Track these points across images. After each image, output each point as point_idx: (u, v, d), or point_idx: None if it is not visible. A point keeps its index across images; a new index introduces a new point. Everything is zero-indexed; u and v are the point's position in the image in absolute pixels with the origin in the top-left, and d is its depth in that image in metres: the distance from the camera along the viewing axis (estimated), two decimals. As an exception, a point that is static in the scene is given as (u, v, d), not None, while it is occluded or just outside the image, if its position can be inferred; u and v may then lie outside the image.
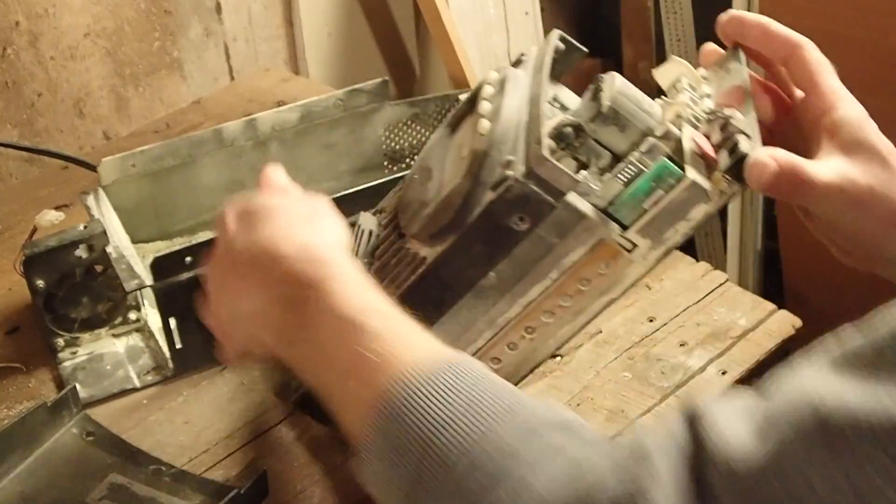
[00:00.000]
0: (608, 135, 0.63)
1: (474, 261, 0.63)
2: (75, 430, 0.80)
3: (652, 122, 0.62)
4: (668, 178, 0.59)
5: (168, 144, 0.96)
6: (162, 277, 0.81)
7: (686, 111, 0.63)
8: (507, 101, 0.64)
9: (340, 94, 1.02)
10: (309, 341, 0.58)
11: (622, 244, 0.62)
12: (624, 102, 0.62)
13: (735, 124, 0.60)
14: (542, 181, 0.59)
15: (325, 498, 0.75)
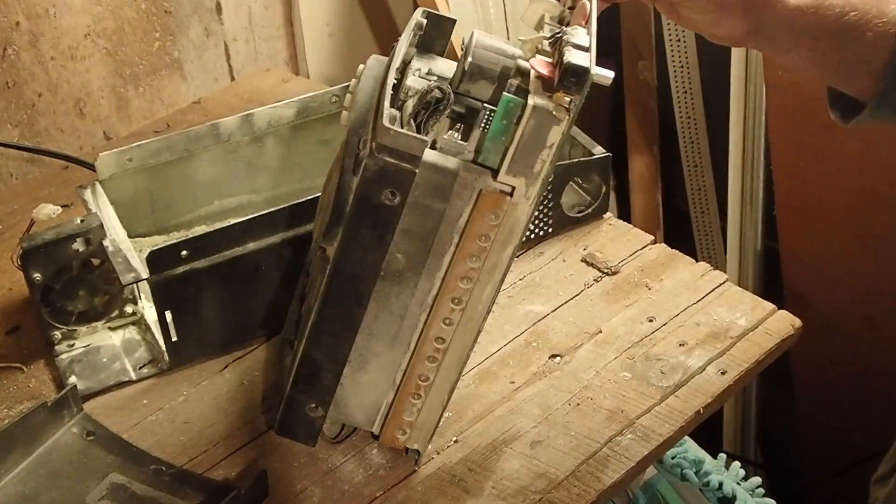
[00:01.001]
0: (480, 89, 0.64)
1: (366, 246, 0.63)
2: (75, 430, 0.80)
3: (510, 63, 0.63)
4: (515, 111, 0.60)
5: (165, 139, 0.97)
6: (158, 271, 0.81)
7: (544, 44, 0.64)
8: (360, 88, 0.66)
9: (336, 90, 1.02)
10: None
11: (502, 189, 0.62)
12: (483, 54, 0.63)
13: (566, 39, 0.60)
14: (393, 151, 0.59)
15: (325, 498, 0.75)
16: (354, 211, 0.62)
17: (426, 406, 0.72)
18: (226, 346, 0.88)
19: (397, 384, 0.71)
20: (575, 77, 0.58)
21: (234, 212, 1.02)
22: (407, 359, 0.69)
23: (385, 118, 0.60)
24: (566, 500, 0.74)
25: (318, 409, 0.69)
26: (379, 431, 0.73)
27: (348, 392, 0.70)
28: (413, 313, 0.67)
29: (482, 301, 0.68)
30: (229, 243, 0.84)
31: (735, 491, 1.14)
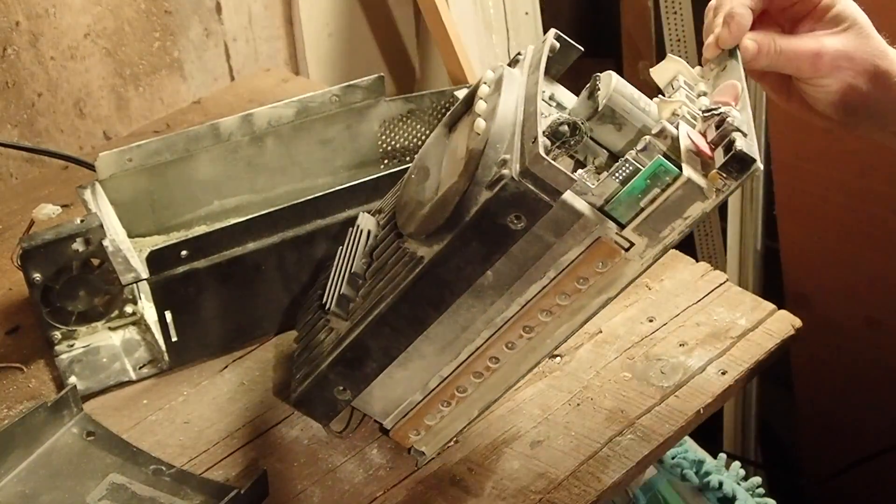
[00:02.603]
0: (605, 133, 0.63)
1: (471, 260, 0.63)
2: (75, 430, 0.80)
3: (648, 120, 0.62)
4: (664, 177, 0.59)
5: (165, 139, 0.97)
6: (157, 271, 0.81)
7: (682, 109, 0.63)
8: (502, 100, 0.64)
9: (336, 89, 1.02)
10: None
11: (619, 242, 0.62)
12: (620, 101, 0.62)
13: (731, 122, 0.60)
14: (538, 180, 0.59)
15: (325, 498, 0.75)
16: (475, 224, 0.61)
17: (452, 415, 0.72)
18: (226, 346, 0.88)
19: (430, 388, 0.70)
20: (741, 165, 0.58)
21: (234, 212, 1.02)
22: (451, 367, 0.69)
23: (541, 147, 0.59)
24: (566, 500, 0.74)
25: (347, 392, 0.69)
26: (391, 426, 0.73)
27: (377, 383, 0.70)
28: (476, 328, 0.67)
29: (553, 337, 0.68)
30: (229, 243, 0.84)
31: (735, 491, 1.14)
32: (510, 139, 0.62)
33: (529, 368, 0.70)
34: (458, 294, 0.65)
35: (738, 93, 0.64)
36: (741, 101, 0.64)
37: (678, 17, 1.81)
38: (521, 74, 0.68)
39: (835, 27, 0.72)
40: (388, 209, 0.75)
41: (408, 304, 0.65)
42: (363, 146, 1.06)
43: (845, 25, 0.72)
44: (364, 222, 0.78)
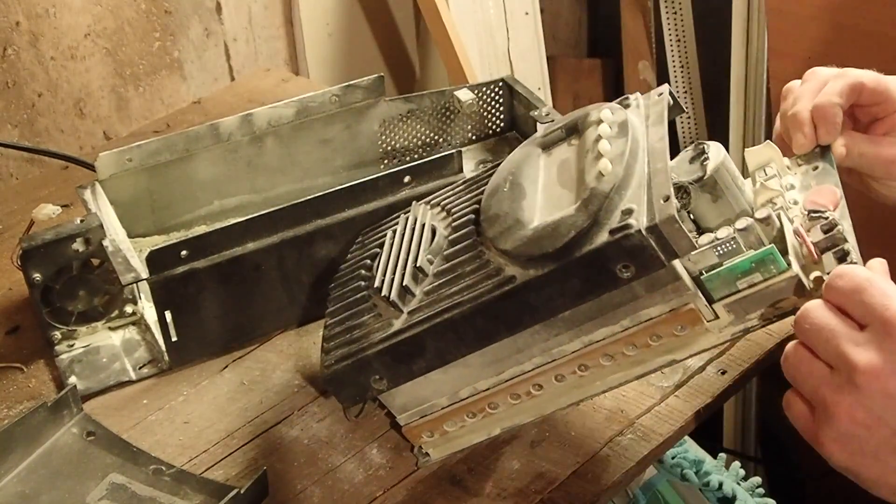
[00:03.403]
0: (699, 202, 0.63)
1: (565, 294, 0.62)
2: (75, 430, 0.80)
3: (744, 201, 0.63)
4: (770, 266, 0.60)
5: (165, 139, 0.97)
6: (158, 271, 0.81)
7: (779, 199, 0.64)
8: (630, 147, 0.64)
9: (336, 89, 1.02)
10: None
11: (705, 314, 0.62)
12: (724, 175, 0.63)
13: (841, 231, 0.61)
14: (662, 239, 0.59)
15: (324, 498, 0.75)
16: (584, 262, 0.61)
17: (472, 427, 0.71)
18: (226, 346, 0.89)
19: (460, 396, 0.70)
20: None
21: (234, 212, 1.02)
22: (489, 383, 0.69)
23: (674, 209, 0.59)
24: (566, 500, 0.74)
25: (383, 382, 0.68)
26: (405, 423, 0.73)
27: None
28: (531, 353, 0.67)
29: (605, 381, 0.67)
30: (229, 243, 0.84)
31: (735, 491, 1.14)
32: (635, 189, 0.62)
33: (569, 404, 0.69)
34: (537, 321, 0.64)
35: (837, 200, 0.65)
36: (840, 209, 0.65)
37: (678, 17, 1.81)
38: (640, 123, 0.68)
39: None
40: (459, 211, 0.74)
41: (483, 318, 0.65)
42: (363, 146, 1.06)
43: None
44: (423, 214, 0.76)
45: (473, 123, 1.10)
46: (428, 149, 1.08)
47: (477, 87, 1.08)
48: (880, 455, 0.56)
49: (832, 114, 0.73)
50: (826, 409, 0.57)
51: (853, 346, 0.56)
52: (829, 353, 0.57)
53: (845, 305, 0.57)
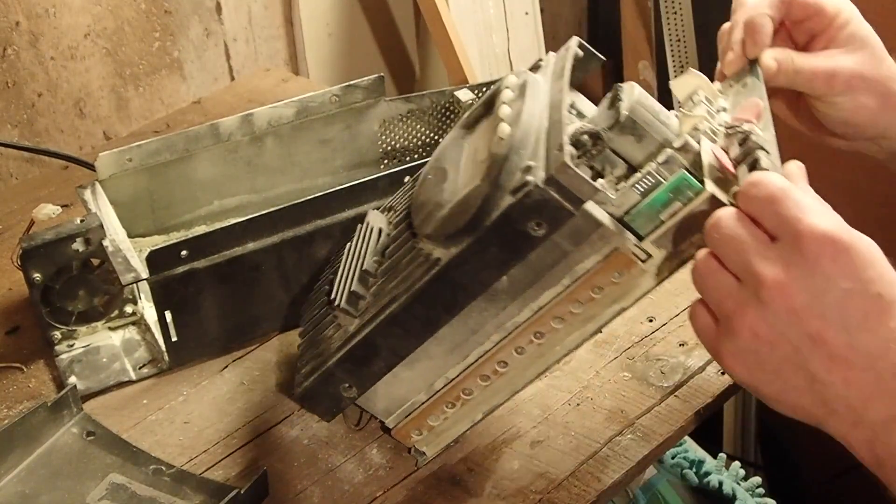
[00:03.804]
0: (624, 144, 0.62)
1: (489, 264, 0.63)
2: (75, 430, 0.80)
3: (669, 133, 0.62)
4: (686, 191, 0.59)
5: (165, 139, 0.97)
6: (158, 271, 0.81)
7: (703, 124, 0.63)
8: (527, 106, 0.64)
9: (336, 89, 1.02)
10: None
11: (637, 254, 0.62)
12: (642, 112, 0.62)
13: (755, 140, 0.60)
14: (563, 188, 0.59)
15: (324, 498, 0.75)
16: (495, 229, 0.61)
17: (455, 417, 0.72)
18: (226, 346, 0.89)
19: (435, 388, 0.70)
20: None
21: (234, 212, 1.02)
22: (458, 369, 0.69)
23: (567, 156, 0.59)
24: (566, 500, 0.74)
25: (353, 390, 0.69)
26: (394, 425, 0.73)
27: (382, 381, 0.70)
28: (486, 331, 0.67)
29: (564, 344, 0.67)
30: (229, 243, 0.84)
31: (735, 491, 1.14)
32: (534, 146, 0.62)
33: (537, 374, 0.70)
34: (472, 298, 0.65)
35: (760, 110, 0.65)
36: (764, 119, 0.64)
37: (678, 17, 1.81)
38: (544, 81, 0.68)
39: (848, 47, 0.73)
40: (401, 208, 0.75)
41: (421, 305, 0.65)
42: (363, 146, 1.06)
43: (859, 45, 0.73)
44: (374, 220, 0.77)
45: (473, 123, 1.10)
46: (428, 149, 1.08)
47: (477, 87, 1.08)
48: (781, 372, 0.55)
49: (759, 24, 0.72)
50: (729, 322, 0.56)
51: (761, 259, 0.54)
52: (737, 265, 0.56)
53: (758, 216, 0.55)
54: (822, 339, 0.53)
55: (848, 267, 0.53)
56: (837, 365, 0.53)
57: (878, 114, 0.75)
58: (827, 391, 0.54)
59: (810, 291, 0.53)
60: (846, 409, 0.54)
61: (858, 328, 0.53)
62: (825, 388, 0.54)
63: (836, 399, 0.54)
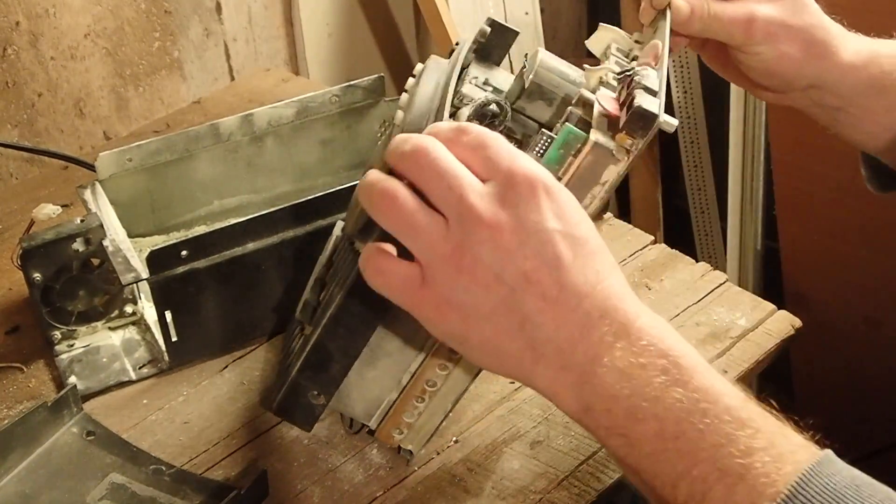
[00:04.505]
0: (536, 109, 0.63)
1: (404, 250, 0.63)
2: (75, 430, 0.80)
3: (574, 90, 0.62)
4: (574, 143, 0.59)
5: (165, 139, 0.97)
6: (157, 271, 0.81)
7: (608, 76, 0.63)
8: (420, 90, 0.65)
9: (336, 90, 1.02)
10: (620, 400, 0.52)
11: None
12: (546, 75, 0.62)
13: (638, 80, 0.59)
14: None
15: (324, 498, 0.75)
16: None
17: (428, 410, 0.72)
18: (226, 346, 0.89)
19: (403, 385, 0.71)
20: (643, 122, 0.57)
21: (234, 212, 1.02)
22: (418, 362, 0.69)
23: None
24: (566, 500, 0.74)
25: (321, 396, 0.69)
26: (376, 427, 0.73)
27: (352, 384, 0.70)
28: None
29: None
30: (229, 243, 0.84)
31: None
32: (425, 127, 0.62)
33: None
34: None
35: (657, 52, 0.64)
36: (660, 61, 0.64)
37: (678, 17, 1.80)
38: (448, 64, 0.68)
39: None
40: None
41: (354, 301, 0.65)
42: (363, 146, 1.06)
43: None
44: (336, 229, 0.78)
45: (473, 123, 1.10)
46: (428, 149, 1.08)
47: (477, 87, 1.08)
48: (494, 315, 0.53)
49: None
50: (442, 266, 0.53)
51: (478, 196, 0.52)
52: (448, 201, 0.53)
53: (466, 158, 0.53)
54: (536, 279, 0.52)
55: (557, 209, 0.53)
56: (549, 304, 0.52)
57: (803, 63, 0.74)
58: (538, 333, 0.53)
59: (526, 230, 0.52)
60: (555, 351, 0.53)
61: (568, 268, 0.52)
62: (536, 329, 0.53)
63: (545, 342, 0.53)
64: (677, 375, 0.52)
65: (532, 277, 0.52)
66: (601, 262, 0.54)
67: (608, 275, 0.54)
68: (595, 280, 0.53)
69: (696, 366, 0.53)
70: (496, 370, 0.57)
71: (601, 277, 0.53)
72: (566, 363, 0.53)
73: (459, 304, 0.53)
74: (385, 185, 0.54)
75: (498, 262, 0.52)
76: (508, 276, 0.52)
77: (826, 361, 1.53)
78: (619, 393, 0.52)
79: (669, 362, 0.53)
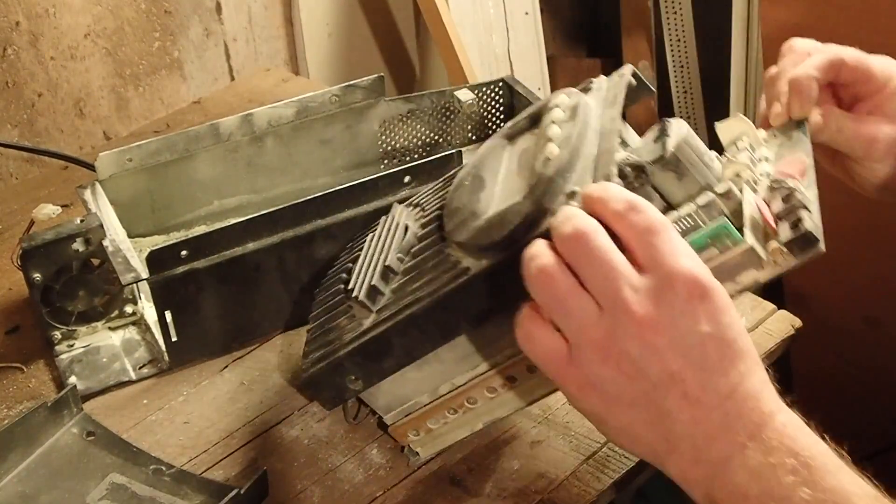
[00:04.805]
0: (665, 181, 0.62)
1: (517, 282, 0.61)
2: (75, 430, 0.80)
3: (711, 176, 0.62)
4: (725, 239, 0.59)
5: (165, 139, 0.97)
6: (158, 271, 0.81)
7: (746, 172, 0.63)
8: (577, 129, 0.63)
9: (336, 89, 1.02)
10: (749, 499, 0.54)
11: None
12: (687, 152, 0.62)
13: (799, 198, 0.60)
14: None
15: (325, 498, 0.75)
16: None
17: (455, 423, 0.71)
18: (226, 346, 0.89)
19: (440, 393, 0.70)
20: (805, 244, 0.58)
21: (234, 212, 1.02)
22: (466, 377, 0.69)
23: None
24: (566, 500, 0.74)
25: (359, 382, 0.69)
26: (392, 422, 0.73)
27: (388, 378, 0.69)
28: (501, 346, 0.67)
29: None
30: (229, 243, 0.84)
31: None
32: (581, 172, 0.61)
33: (543, 395, 0.69)
34: (496, 312, 0.64)
35: (804, 168, 0.65)
36: (808, 177, 0.64)
37: (678, 17, 1.81)
38: (596, 105, 0.67)
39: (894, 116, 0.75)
40: (431, 209, 0.74)
41: (442, 312, 0.65)
42: (363, 146, 1.06)
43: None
44: (400, 215, 0.77)
45: (473, 123, 1.10)
46: (428, 149, 1.08)
47: (477, 87, 1.08)
48: (634, 406, 0.55)
49: (807, 86, 0.72)
50: (588, 351, 0.54)
51: (632, 290, 0.53)
52: (603, 291, 0.54)
53: (631, 241, 0.54)
54: (681, 378, 0.54)
55: (710, 311, 0.54)
56: (690, 404, 0.54)
57: None
58: (675, 428, 0.55)
59: (678, 331, 0.53)
60: (690, 447, 0.55)
61: (713, 370, 0.54)
62: (674, 424, 0.55)
63: (681, 437, 0.55)
64: (807, 476, 0.53)
65: (677, 377, 0.54)
66: (745, 362, 0.55)
67: (750, 375, 0.55)
68: (737, 381, 0.54)
69: (827, 464, 0.54)
70: (628, 450, 0.59)
71: (743, 378, 0.54)
72: (699, 458, 0.55)
73: (602, 389, 0.55)
74: (543, 262, 0.56)
75: (645, 359, 0.54)
76: (654, 372, 0.54)
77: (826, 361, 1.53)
78: (748, 492, 0.54)
79: (800, 462, 0.53)
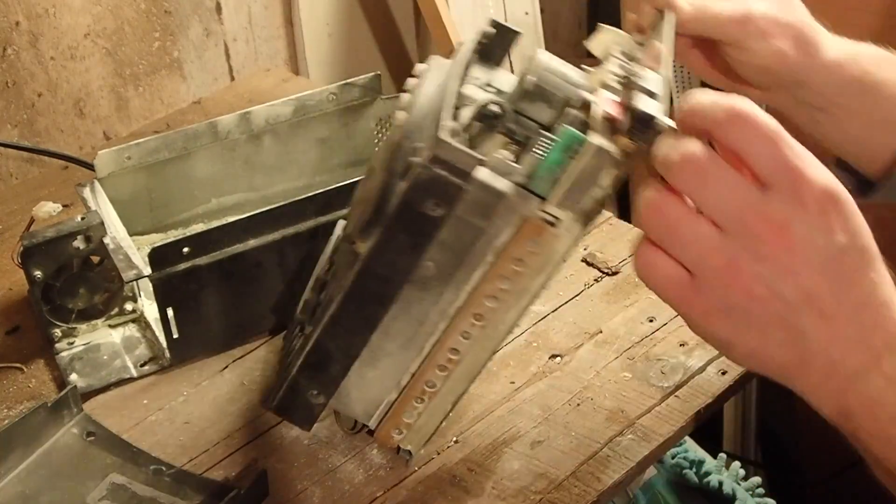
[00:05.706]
0: (537, 111, 0.62)
1: (401, 251, 0.63)
2: (75, 430, 0.80)
3: (574, 92, 0.62)
4: (575, 146, 0.59)
5: (163, 137, 0.97)
6: (159, 268, 0.81)
7: (610, 78, 0.63)
8: (422, 91, 0.64)
9: (333, 88, 1.03)
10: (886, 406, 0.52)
11: (545, 219, 0.61)
12: (547, 77, 0.62)
13: (637, 82, 0.58)
14: (447, 164, 0.58)
15: (325, 498, 0.75)
16: (396, 215, 0.61)
17: (427, 411, 0.72)
18: (227, 343, 0.89)
19: (402, 385, 0.70)
20: (644, 126, 0.56)
21: (232, 210, 1.02)
22: (417, 363, 0.69)
23: (444, 131, 0.59)
24: (566, 501, 0.74)
25: (320, 396, 0.69)
26: (375, 427, 0.73)
27: (352, 384, 0.70)
28: (432, 321, 0.67)
29: (505, 322, 0.67)
30: (231, 240, 0.84)
31: (735, 491, 1.14)
32: (427, 130, 0.62)
33: (489, 356, 0.69)
34: (398, 287, 0.64)
35: (657, 53, 0.64)
36: (663, 62, 0.63)
37: (678, 17, 1.80)
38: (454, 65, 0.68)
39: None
40: None
41: (353, 302, 0.65)
42: (359, 144, 1.06)
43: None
44: (338, 228, 0.78)
45: (473, 123, 1.10)
46: (427, 148, 1.08)
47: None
48: (767, 328, 0.52)
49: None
50: (716, 278, 0.51)
51: (758, 209, 0.49)
52: (725, 213, 0.50)
53: (749, 156, 0.50)
54: (817, 295, 0.51)
55: (843, 221, 0.51)
56: (826, 321, 0.51)
57: (794, 60, 0.74)
58: (809, 346, 0.52)
59: (813, 248, 0.50)
60: (824, 362, 0.52)
61: (849, 282, 0.51)
62: (809, 343, 0.52)
63: (816, 353, 0.52)
64: None
65: (813, 294, 0.51)
66: (877, 269, 0.52)
67: (882, 281, 0.53)
68: (870, 290, 0.52)
69: None
70: (755, 370, 0.56)
71: (875, 287, 0.52)
72: (834, 372, 0.53)
73: (731, 315, 0.52)
74: (647, 196, 0.53)
75: (779, 280, 0.50)
76: (788, 293, 0.51)
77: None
78: (885, 399, 0.52)
79: None
